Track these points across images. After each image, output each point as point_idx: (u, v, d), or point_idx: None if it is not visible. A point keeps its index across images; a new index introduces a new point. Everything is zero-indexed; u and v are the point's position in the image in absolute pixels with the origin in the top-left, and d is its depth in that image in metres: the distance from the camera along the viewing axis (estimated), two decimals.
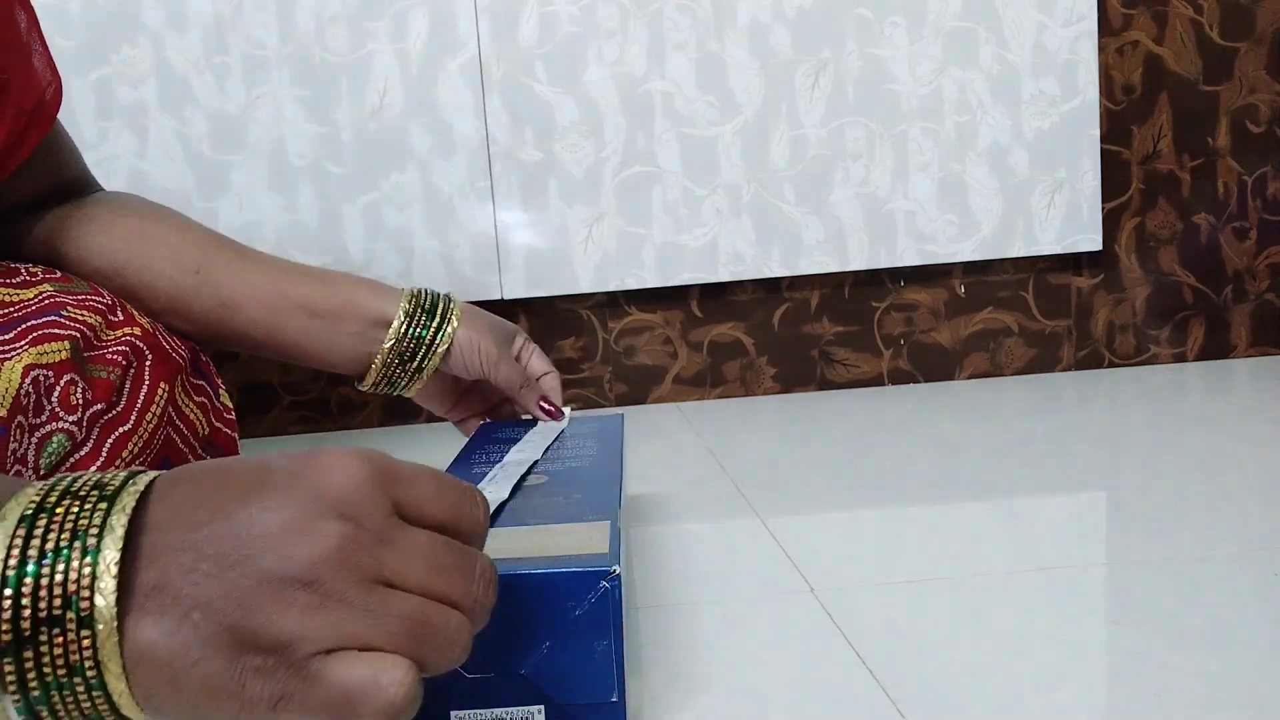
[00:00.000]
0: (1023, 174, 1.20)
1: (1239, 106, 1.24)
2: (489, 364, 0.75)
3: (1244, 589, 0.58)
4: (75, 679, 0.32)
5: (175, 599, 0.33)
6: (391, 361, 0.73)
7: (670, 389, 1.24)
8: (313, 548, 0.33)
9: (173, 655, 0.33)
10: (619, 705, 0.44)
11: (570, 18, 1.15)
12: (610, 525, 0.48)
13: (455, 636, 0.35)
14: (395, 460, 0.37)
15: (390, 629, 0.34)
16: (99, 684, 0.32)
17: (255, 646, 0.33)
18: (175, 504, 0.35)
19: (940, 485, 0.83)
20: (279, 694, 0.33)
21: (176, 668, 0.33)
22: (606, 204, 1.18)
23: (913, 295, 1.25)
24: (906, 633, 0.55)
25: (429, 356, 0.74)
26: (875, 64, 1.18)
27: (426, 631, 0.34)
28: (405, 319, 0.73)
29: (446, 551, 0.36)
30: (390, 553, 0.35)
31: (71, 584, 0.32)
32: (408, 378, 0.75)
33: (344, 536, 0.34)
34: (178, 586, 0.33)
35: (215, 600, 0.33)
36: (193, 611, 0.33)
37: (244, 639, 0.33)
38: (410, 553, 0.35)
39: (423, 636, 0.34)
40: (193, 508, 0.34)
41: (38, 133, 0.64)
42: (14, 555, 0.33)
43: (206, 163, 1.14)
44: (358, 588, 0.34)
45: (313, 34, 1.13)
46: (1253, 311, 1.28)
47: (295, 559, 0.33)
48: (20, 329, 0.57)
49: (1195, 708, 0.45)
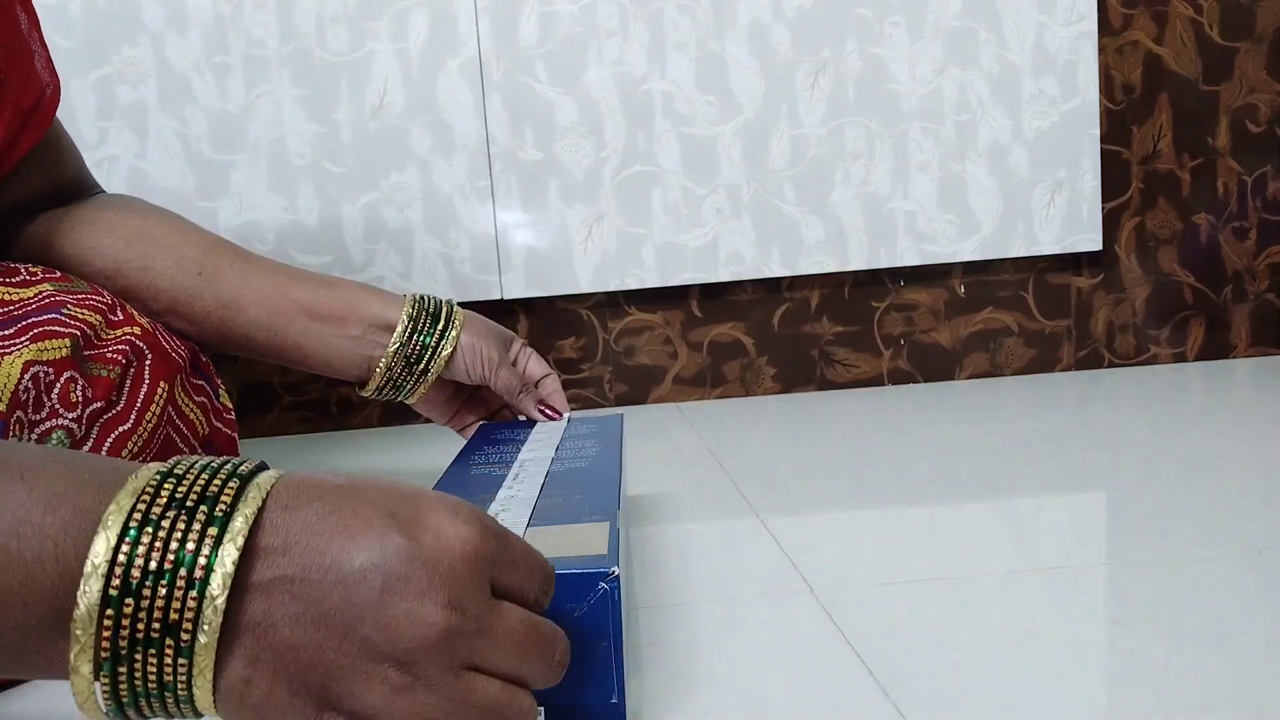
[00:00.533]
0: (1023, 174, 1.20)
1: (1239, 106, 1.24)
2: (490, 369, 0.76)
3: (1244, 589, 0.58)
4: (167, 638, 0.32)
5: (273, 644, 0.33)
6: (396, 365, 0.73)
7: (670, 389, 1.24)
8: (416, 632, 0.34)
9: (263, 698, 0.33)
10: (619, 706, 0.44)
11: (570, 18, 1.15)
12: (610, 526, 0.48)
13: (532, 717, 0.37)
14: (501, 530, 0.38)
15: (469, 717, 0.35)
16: (188, 651, 0.32)
17: (338, 709, 0.34)
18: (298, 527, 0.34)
19: (940, 485, 0.83)
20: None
21: (265, 709, 0.33)
22: (606, 204, 1.18)
23: (913, 295, 1.25)
24: (906, 633, 0.55)
25: (433, 360, 0.74)
26: (875, 64, 1.18)
27: (510, 713, 0.36)
28: (409, 323, 0.73)
29: (534, 636, 0.37)
30: (485, 640, 0.35)
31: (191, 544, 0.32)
32: (413, 381, 0.75)
33: (448, 627, 0.34)
34: (279, 630, 0.33)
35: (312, 656, 0.33)
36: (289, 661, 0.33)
37: (329, 699, 0.33)
38: (504, 641, 0.36)
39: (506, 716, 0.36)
40: (314, 536, 0.34)
41: (35, 132, 0.64)
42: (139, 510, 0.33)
43: (206, 163, 1.14)
44: (448, 674, 0.34)
45: (313, 34, 1.13)
46: (1253, 311, 1.28)
47: (398, 639, 0.34)
48: (20, 325, 0.57)
49: (1195, 708, 0.45)
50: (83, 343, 0.59)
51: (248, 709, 0.34)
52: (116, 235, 0.69)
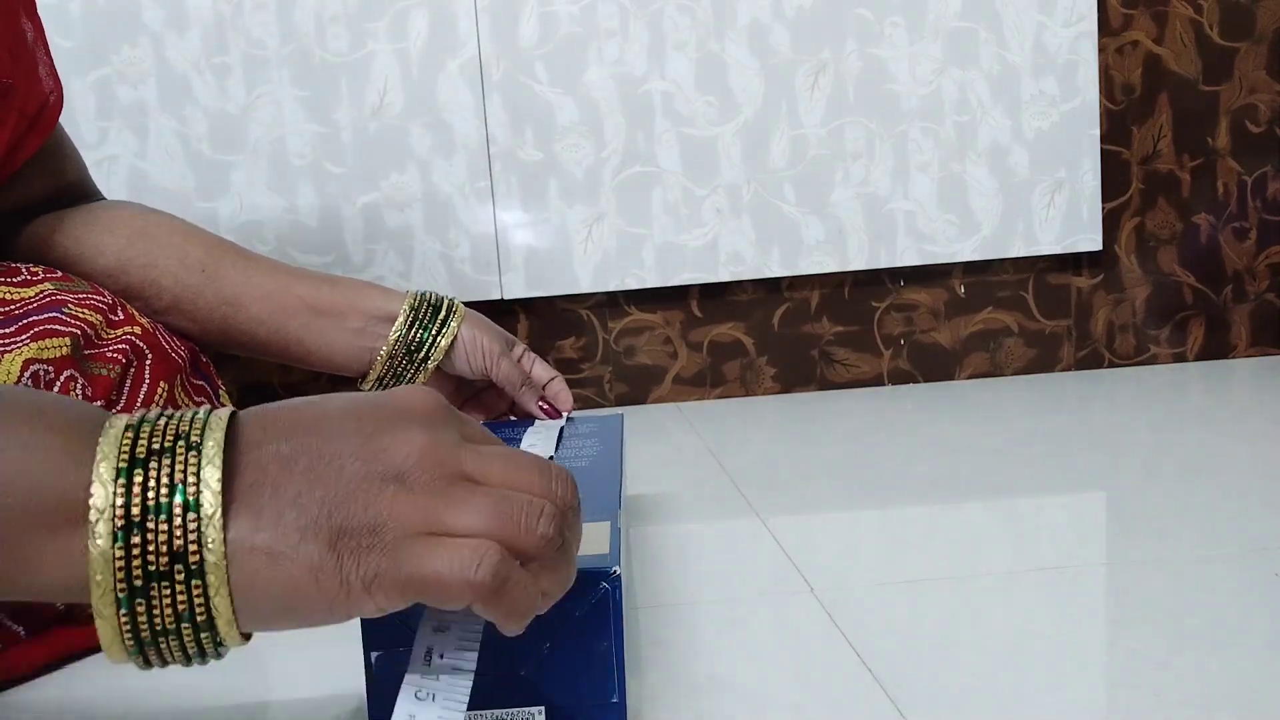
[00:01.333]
0: (1023, 174, 1.20)
1: (1239, 106, 1.24)
2: (490, 360, 0.76)
3: (1244, 589, 0.58)
4: (177, 565, 0.33)
5: (275, 494, 0.35)
6: (397, 353, 0.74)
7: (670, 389, 1.24)
8: (399, 449, 0.36)
9: (274, 542, 0.34)
10: (619, 705, 0.44)
11: (570, 18, 1.15)
12: (610, 525, 0.48)
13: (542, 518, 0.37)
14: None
15: (478, 512, 0.36)
16: (199, 571, 0.33)
17: (349, 532, 0.34)
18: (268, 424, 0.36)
19: (940, 485, 0.83)
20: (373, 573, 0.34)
21: (278, 554, 0.34)
22: (606, 204, 1.18)
23: (913, 295, 1.25)
24: (906, 633, 0.55)
25: (433, 349, 0.74)
26: (875, 64, 1.18)
27: (513, 512, 0.36)
28: (410, 313, 0.74)
29: (522, 456, 0.39)
30: (470, 455, 0.37)
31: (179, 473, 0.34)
32: (413, 370, 0.75)
33: (428, 439, 0.36)
34: (277, 484, 0.35)
35: (312, 494, 0.35)
36: (291, 507, 0.34)
37: (338, 527, 0.34)
38: (489, 456, 0.38)
39: (509, 517, 0.36)
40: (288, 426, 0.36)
41: (38, 137, 0.64)
42: (124, 454, 0.34)
43: (206, 163, 1.14)
44: (444, 480, 0.36)
45: (313, 34, 1.13)
46: (1253, 311, 1.28)
47: (385, 459, 0.35)
48: (21, 324, 0.57)
49: (1195, 708, 0.45)
50: (83, 342, 0.59)
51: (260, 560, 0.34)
52: (119, 234, 0.70)
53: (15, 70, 0.60)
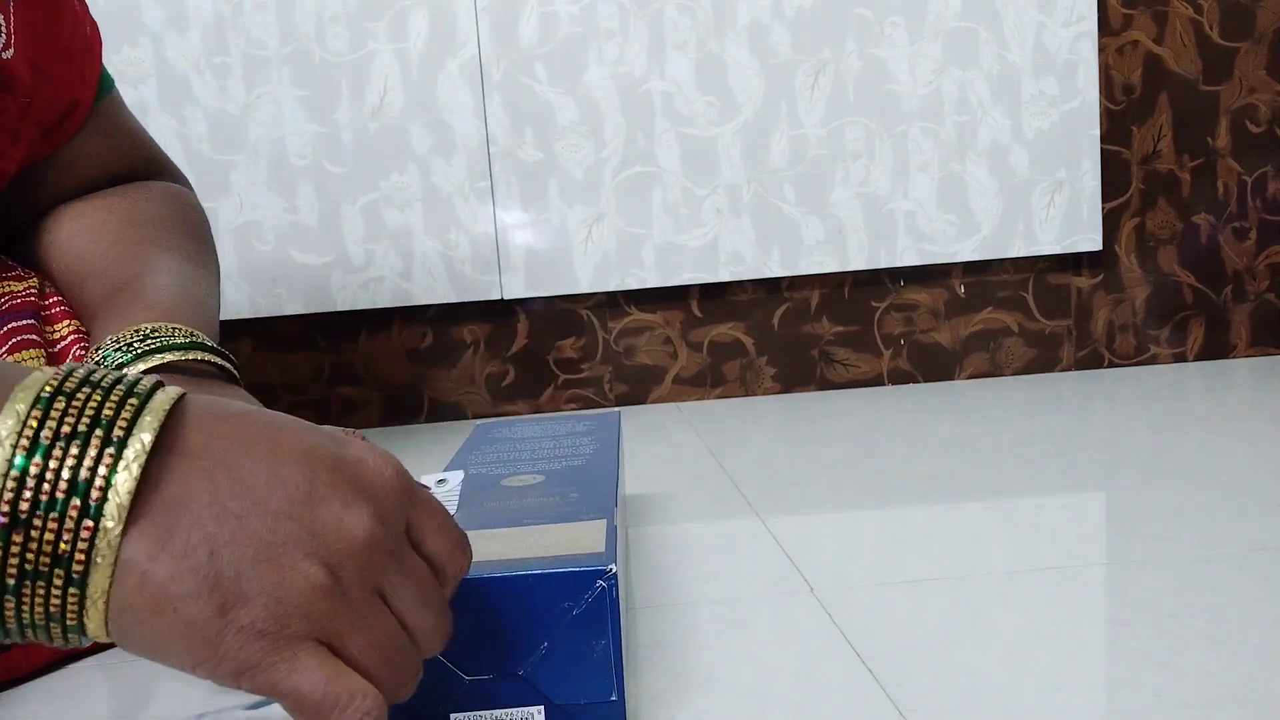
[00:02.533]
0: (1023, 174, 1.20)
1: (1239, 106, 1.24)
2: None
3: (1244, 589, 0.58)
4: (56, 570, 0.30)
5: (192, 525, 0.31)
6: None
7: (670, 389, 1.24)
8: (339, 530, 0.33)
9: (168, 581, 0.30)
10: (618, 705, 0.44)
11: (570, 18, 1.15)
12: (607, 524, 0.48)
13: (414, 673, 0.35)
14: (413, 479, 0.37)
15: (376, 650, 0.33)
16: (80, 581, 0.30)
17: (248, 601, 0.31)
18: (214, 434, 0.33)
19: (940, 485, 0.83)
20: (252, 663, 0.31)
21: (167, 595, 0.30)
22: (606, 204, 1.18)
23: (912, 295, 1.25)
24: (906, 633, 0.55)
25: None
26: (875, 64, 1.18)
27: (398, 659, 0.34)
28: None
29: (434, 591, 0.36)
30: (396, 570, 0.34)
31: (85, 470, 0.30)
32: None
33: (371, 535, 0.33)
34: (198, 513, 0.31)
35: (233, 543, 0.31)
36: (203, 546, 0.31)
37: (240, 594, 0.31)
38: (411, 577, 0.35)
39: (393, 663, 0.34)
40: (235, 446, 0.33)
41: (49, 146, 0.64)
42: (26, 436, 0.30)
43: (206, 163, 1.14)
44: (364, 587, 0.33)
45: (313, 34, 1.13)
46: (1253, 311, 1.28)
47: (322, 535, 0.32)
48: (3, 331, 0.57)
49: (1195, 708, 0.45)
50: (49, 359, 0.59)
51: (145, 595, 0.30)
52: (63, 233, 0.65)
53: (38, 82, 0.60)
